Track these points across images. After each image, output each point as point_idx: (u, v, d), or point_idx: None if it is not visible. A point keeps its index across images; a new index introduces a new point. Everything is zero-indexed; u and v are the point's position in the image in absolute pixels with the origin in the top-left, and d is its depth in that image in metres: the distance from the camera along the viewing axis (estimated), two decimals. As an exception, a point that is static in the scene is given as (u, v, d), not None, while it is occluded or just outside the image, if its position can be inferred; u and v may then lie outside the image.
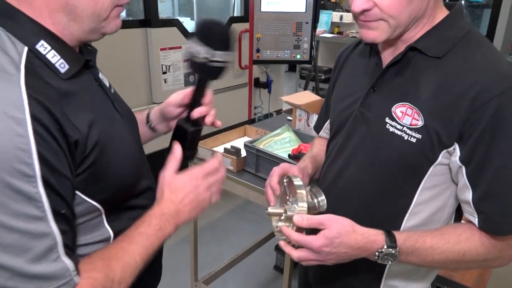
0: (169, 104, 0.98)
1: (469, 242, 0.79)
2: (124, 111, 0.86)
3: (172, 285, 2.34)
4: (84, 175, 0.68)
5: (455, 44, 0.80)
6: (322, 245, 0.77)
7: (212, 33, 0.81)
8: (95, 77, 0.80)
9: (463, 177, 0.79)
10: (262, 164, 1.63)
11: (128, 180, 0.79)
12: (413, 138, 0.81)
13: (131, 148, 0.81)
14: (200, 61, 0.80)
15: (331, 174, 0.98)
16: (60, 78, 0.68)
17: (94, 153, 0.69)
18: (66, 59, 0.69)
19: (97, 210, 0.74)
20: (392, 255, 0.78)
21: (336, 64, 1.08)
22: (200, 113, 0.89)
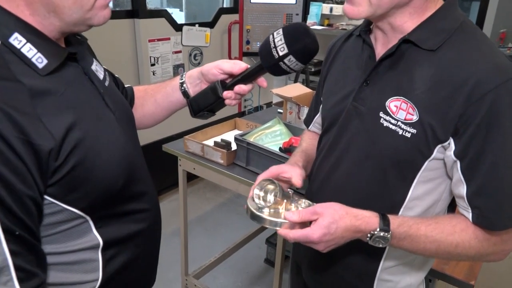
0: (218, 68, 0.93)
1: (463, 234, 0.79)
2: (117, 108, 0.80)
3: (162, 279, 2.32)
4: (60, 184, 0.63)
5: (450, 36, 0.78)
6: (321, 235, 0.76)
7: (303, 42, 0.79)
8: (84, 70, 0.74)
9: (457, 172, 0.78)
10: (252, 158, 1.61)
11: (115, 186, 0.73)
12: (408, 133, 0.79)
13: (121, 149, 0.75)
14: (273, 54, 0.79)
15: (324, 170, 0.96)
16: (38, 74, 0.63)
17: (71, 160, 0.63)
18: (45, 53, 0.64)
19: (80, 217, 0.69)
20: (384, 238, 0.78)
21: (327, 57, 1.06)
22: (243, 91, 0.88)
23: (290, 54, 0.79)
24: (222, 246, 2.40)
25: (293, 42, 0.78)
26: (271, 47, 0.80)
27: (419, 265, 0.95)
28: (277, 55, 0.79)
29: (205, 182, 3.33)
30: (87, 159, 0.66)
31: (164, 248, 2.68)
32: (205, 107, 0.94)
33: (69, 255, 0.70)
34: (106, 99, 0.77)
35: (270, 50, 0.80)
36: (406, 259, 0.92)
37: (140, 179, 0.82)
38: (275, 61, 0.80)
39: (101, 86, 0.77)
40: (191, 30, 2.91)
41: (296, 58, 0.79)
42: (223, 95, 0.89)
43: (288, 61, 0.80)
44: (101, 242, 0.73)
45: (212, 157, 1.68)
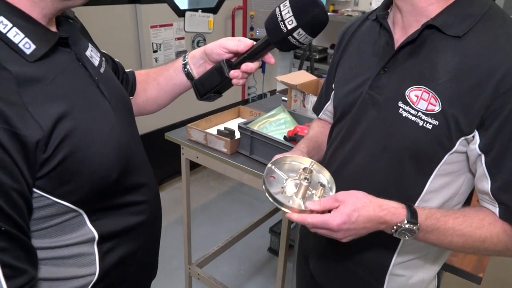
0: (222, 46, 0.88)
1: (491, 228, 0.75)
2: (113, 95, 0.76)
3: (165, 268, 2.32)
4: (51, 176, 0.60)
5: (477, 22, 0.74)
6: (341, 222, 0.72)
7: (312, 13, 0.73)
8: (77, 56, 0.70)
9: (481, 166, 0.74)
10: (256, 146, 1.58)
11: (109, 178, 0.69)
12: (429, 124, 0.75)
13: (116, 139, 0.71)
14: (281, 28, 0.74)
15: (337, 161, 0.93)
16: (26, 60, 0.59)
17: (61, 151, 0.60)
18: (33, 38, 0.60)
19: (73, 211, 0.66)
20: (411, 231, 0.74)
21: (340, 42, 1.01)
22: (250, 69, 0.84)
23: (299, 27, 0.73)
24: (225, 235, 2.39)
25: (301, 14, 0.73)
26: (278, 21, 0.74)
27: (432, 260, 0.92)
28: (286, 29, 0.74)
29: (208, 170, 3.31)
30: (78, 150, 0.63)
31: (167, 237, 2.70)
32: (211, 88, 0.90)
33: (63, 249, 0.67)
34: (101, 86, 0.73)
35: (277, 24, 0.75)
36: (419, 253, 0.89)
37: (137, 170, 0.79)
38: (284, 35, 0.75)
39: (95, 73, 0.73)
40: (194, 16, 2.86)
41: (306, 31, 0.74)
42: (230, 74, 0.85)
43: (297, 34, 0.74)
44: (96, 235, 0.71)
45: (215, 145, 1.65)
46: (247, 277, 2.35)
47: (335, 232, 0.74)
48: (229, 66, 0.86)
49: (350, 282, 0.96)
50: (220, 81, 0.88)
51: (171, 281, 2.26)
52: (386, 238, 0.78)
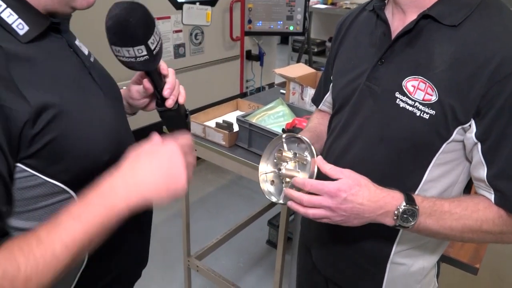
0: (134, 99, 0.89)
1: (487, 212, 0.76)
2: (104, 83, 0.78)
3: (164, 261, 2.33)
4: (41, 154, 0.60)
5: (473, 11, 0.74)
6: (339, 187, 0.72)
7: (110, 30, 0.69)
8: (68, 43, 0.72)
9: (478, 154, 0.75)
10: (255, 139, 1.59)
11: (101, 159, 0.70)
12: (426, 114, 0.76)
13: (109, 123, 0.73)
14: (124, 60, 0.72)
15: (336, 151, 0.93)
16: (19, 41, 0.60)
17: (51, 130, 0.61)
18: (26, 20, 0.61)
19: (64, 192, 0.67)
20: (413, 212, 0.74)
21: (338, 33, 1.01)
22: (169, 89, 0.81)
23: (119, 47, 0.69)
24: (224, 228, 2.40)
25: (112, 40, 0.69)
26: (124, 60, 0.72)
27: (432, 248, 0.93)
28: (123, 57, 0.71)
29: (206, 164, 3.31)
30: (70, 130, 0.63)
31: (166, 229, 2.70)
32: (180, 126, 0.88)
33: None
34: (93, 73, 0.74)
35: (126, 62, 0.72)
36: (419, 242, 0.90)
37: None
38: (131, 64, 0.72)
39: (86, 60, 0.75)
40: (192, 9, 2.84)
41: (120, 44, 0.69)
42: (167, 104, 0.82)
43: (129, 53, 0.70)
44: None
45: (213, 138, 1.65)
46: (245, 269, 2.37)
47: (331, 199, 0.73)
48: (162, 102, 0.83)
49: (352, 271, 0.97)
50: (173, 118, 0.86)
51: (170, 273, 2.27)
52: (386, 226, 0.79)
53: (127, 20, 0.67)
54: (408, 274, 0.93)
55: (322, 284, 1.09)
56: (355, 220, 0.76)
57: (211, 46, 3.11)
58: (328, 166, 0.76)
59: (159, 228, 2.57)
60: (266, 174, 0.89)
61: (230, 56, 3.30)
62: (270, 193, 0.88)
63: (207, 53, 3.09)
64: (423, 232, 0.79)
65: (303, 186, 0.76)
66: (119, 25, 0.67)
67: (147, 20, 0.70)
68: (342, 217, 0.75)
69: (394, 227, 0.77)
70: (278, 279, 1.77)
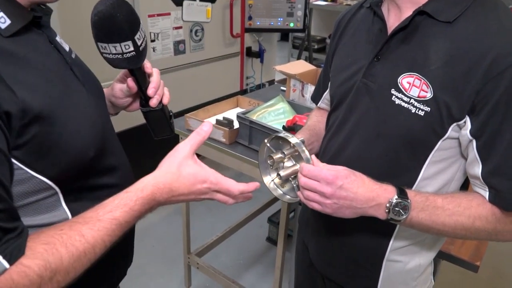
0: (117, 98, 0.90)
1: (480, 209, 0.76)
2: (86, 79, 0.77)
3: (164, 258, 2.33)
4: (28, 147, 0.60)
5: (468, 7, 0.74)
6: (336, 175, 0.74)
7: (97, 26, 0.69)
8: (49, 39, 0.71)
9: (473, 151, 0.75)
10: (255, 136, 1.58)
11: (86, 155, 0.69)
12: (421, 111, 0.76)
13: (92, 119, 0.72)
14: (110, 57, 0.73)
15: (333, 149, 0.93)
16: (0, 35, 0.60)
17: (37, 122, 0.60)
18: (8, 13, 0.61)
19: (50, 188, 0.66)
20: (404, 206, 0.74)
21: (336, 30, 1.01)
22: (154, 88, 0.82)
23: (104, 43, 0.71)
24: (224, 225, 2.40)
25: (97, 36, 0.70)
26: (109, 57, 0.73)
27: (429, 246, 0.93)
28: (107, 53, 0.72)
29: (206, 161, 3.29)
30: (56, 124, 0.63)
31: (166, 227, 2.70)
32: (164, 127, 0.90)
33: (37, 230, 0.65)
34: (74, 69, 0.74)
35: (112, 60, 0.73)
36: (416, 239, 0.90)
37: (112, 153, 0.80)
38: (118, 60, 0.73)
39: (68, 56, 0.74)
40: (192, 5, 2.83)
41: (105, 41, 0.70)
42: (152, 104, 0.83)
43: (107, 50, 0.71)
44: (70, 217, 0.70)
45: (214, 135, 1.65)
46: (245, 267, 2.37)
47: (326, 198, 0.74)
48: (146, 102, 0.84)
49: (348, 268, 0.97)
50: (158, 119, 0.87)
51: (170, 270, 2.27)
52: (382, 223, 0.79)
53: (114, 16, 0.67)
54: (404, 272, 0.93)
55: (319, 281, 1.10)
56: (346, 211, 0.76)
57: (211, 42, 3.10)
58: (322, 164, 0.77)
59: (159, 225, 2.57)
60: (273, 182, 0.88)
61: (230, 53, 3.29)
62: (284, 195, 0.89)
63: (207, 49, 3.08)
64: (416, 226, 0.79)
65: (300, 170, 0.77)
66: (106, 20, 0.67)
67: (133, 15, 0.70)
68: (334, 206, 0.75)
69: (386, 220, 0.77)
70: (278, 276, 1.77)
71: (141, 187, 0.65)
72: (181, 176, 0.67)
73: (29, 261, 0.54)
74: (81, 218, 0.61)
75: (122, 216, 0.62)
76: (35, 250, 0.55)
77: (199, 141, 0.71)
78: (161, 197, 0.66)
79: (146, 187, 0.65)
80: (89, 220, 0.60)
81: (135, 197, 0.64)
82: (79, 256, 0.58)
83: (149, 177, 0.67)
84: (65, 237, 0.57)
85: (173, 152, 0.69)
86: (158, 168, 0.68)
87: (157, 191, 0.65)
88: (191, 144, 0.70)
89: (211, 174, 0.70)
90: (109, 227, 0.61)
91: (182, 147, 0.69)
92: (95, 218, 0.61)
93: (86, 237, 0.58)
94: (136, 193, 0.64)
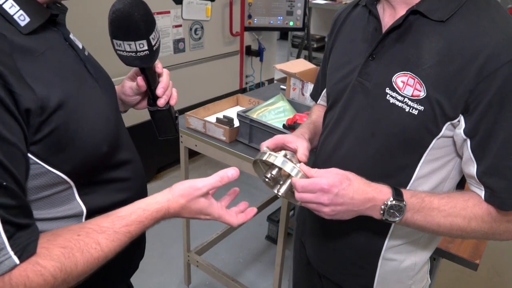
0: (126, 95, 0.91)
1: (476, 209, 0.76)
2: (99, 76, 0.78)
3: (164, 256, 2.34)
4: (45, 142, 0.61)
5: (461, 6, 0.74)
6: (332, 183, 0.73)
7: (114, 24, 0.71)
8: (64, 36, 0.72)
9: (467, 150, 0.75)
10: (255, 135, 1.59)
11: (100, 150, 0.71)
12: (415, 110, 0.76)
13: (106, 114, 0.74)
14: (124, 55, 0.74)
15: (329, 147, 0.94)
16: (20, 32, 0.61)
17: (55, 118, 0.61)
18: (27, 11, 0.62)
19: (64, 182, 0.67)
20: (399, 208, 0.75)
21: (333, 29, 1.01)
22: (163, 88, 0.84)
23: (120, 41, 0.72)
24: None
25: (114, 34, 0.71)
26: (123, 54, 0.74)
27: (424, 244, 0.94)
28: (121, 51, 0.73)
29: (205, 160, 3.31)
30: (71, 121, 0.64)
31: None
32: (169, 126, 0.91)
33: (52, 223, 0.68)
34: (88, 67, 0.75)
35: (125, 57, 0.74)
36: (411, 237, 0.90)
37: (124, 146, 0.81)
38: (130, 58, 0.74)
39: (81, 53, 0.76)
40: (192, 3, 2.83)
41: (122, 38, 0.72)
42: (159, 104, 0.85)
43: (121, 47, 0.73)
44: (84, 210, 0.72)
45: (214, 133, 1.65)
46: (245, 265, 2.37)
47: (324, 207, 0.75)
48: (154, 102, 0.85)
49: (345, 267, 0.98)
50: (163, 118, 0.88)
51: (170, 268, 2.27)
52: (378, 222, 0.79)
53: (131, 14, 0.68)
54: (400, 270, 0.93)
55: (316, 279, 1.10)
56: (344, 214, 0.77)
57: (210, 41, 3.10)
58: (313, 171, 0.77)
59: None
60: (280, 193, 0.84)
61: (230, 52, 3.29)
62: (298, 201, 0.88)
63: (206, 48, 3.08)
64: (411, 226, 0.80)
65: (294, 186, 0.77)
66: (124, 19, 0.69)
67: (149, 16, 0.71)
68: (332, 212, 0.76)
69: (381, 220, 0.78)
70: (278, 273, 1.78)
71: (156, 208, 0.70)
72: (190, 208, 0.73)
73: (46, 262, 0.56)
74: (97, 226, 0.64)
75: (135, 230, 0.67)
76: (52, 252, 0.58)
77: (217, 185, 0.75)
78: (167, 217, 0.73)
79: (161, 210, 0.70)
80: (105, 230, 0.64)
81: (150, 217, 0.69)
82: (93, 263, 0.61)
83: (164, 200, 0.71)
84: (82, 243, 0.61)
85: (191, 187, 0.72)
86: (173, 192, 0.72)
87: (167, 214, 0.71)
88: (208, 187, 0.73)
89: (215, 211, 0.75)
90: (123, 239, 0.65)
91: (201, 185, 0.73)
92: (112, 229, 0.64)
93: (102, 246, 0.62)
94: (151, 213, 0.69)
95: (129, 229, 0.66)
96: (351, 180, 0.75)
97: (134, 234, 0.67)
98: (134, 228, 0.66)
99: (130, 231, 0.66)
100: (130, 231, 0.66)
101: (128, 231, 0.66)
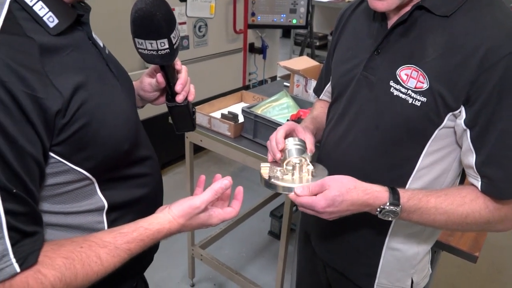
0: (145, 91, 0.93)
1: (473, 204, 0.79)
2: (120, 74, 0.80)
3: (169, 250, 2.37)
4: (68, 143, 0.63)
5: (464, 2, 0.77)
6: (325, 205, 0.78)
7: (136, 23, 0.72)
8: (88, 35, 0.74)
9: (467, 140, 0.78)
10: (260, 130, 1.61)
11: (121, 148, 0.73)
12: (418, 101, 0.79)
13: (126, 113, 0.76)
14: (145, 53, 0.76)
15: (333, 139, 0.97)
16: (48, 33, 0.63)
17: (78, 119, 0.63)
18: (56, 13, 0.64)
19: (86, 179, 0.69)
20: (394, 212, 0.79)
21: (338, 24, 1.04)
22: (182, 84, 0.85)
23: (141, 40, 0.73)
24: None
25: (135, 33, 0.73)
26: (144, 52, 0.75)
27: (427, 235, 0.96)
28: (143, 49, 0.75)
29: (209, 156, 3.34)
30: (95, 119, 0.66)
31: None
32: (186, 122, 0.92)
33: (75, 216, 0.71)
34: (110, 65, 0.77)
35: (146, 55, 0.76)
36: (414, 228, 0.93)
37: (143, 143, 0.84)
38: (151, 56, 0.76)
39: (103, 52, 0.78)
40: (196, 1, 2.85)
41: (144, 37, 0.73)
42: (177, 99, 0.86)
43: (143, 45, 0.74)
44: (106, 204, 0.74)
45: (219, 129, 1.68)
46: (248, 259, 2.40)
47: (321, 213, 0.80)
48: (172, 97, 0.87)
49: (350, 256, 1.01)
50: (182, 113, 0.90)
51: (175, 261, 2.31)
52: None
53: (154, 14, 0.70)
54: (403, 259, 0.96)
55: (320, 268, 1.13)
56: (342, 216, 0.82)
57: (214, 38, 3.12)
58: (311, 187, 0.80)
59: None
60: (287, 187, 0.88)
61: (233, 49, 3.32)
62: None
63: (210, 45, 3.11)
64: (407, 221, 0.84)
65: (295, 199, 0.81)
66: (146, 18, 0.70)
67: (171, 15, 0.73)
68: (330, 216, 0.81)
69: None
70: (281, 267, 1.81)
71: (158, 228, 0.71)
72: (191, 225, 0.75)
73: (47, 271, 0.58)
74: (100, 240, 0.65)
75: (135, 248, 0.68)
76: (54, 262, 0.59)
77: (214, 199, 0.76)
78: (168, 236, 0.74)
79: (162, 230, 0.71)
80: (107, 245, 0.65)
81: (152, 236, 0.70)
82: (92, 276, 0.63)
83: (165, 222, 0.72)
84: (84, 255, 0.62)
85: (190, 207, 0.73)
86: (173, 214, 0.73)
87: (168, 234, 0.73)
88: (206, 204, 0.75)
89: (215, 220, 0.77)
90: (123, 256, 0.66)
91: (199, 203, 0.74)
92: (113, 244, 0.65)
93: (102, 260, 0.63)
94: (153, 233, 0.70)
95: (130, 247, 0.67)
96: (344, 194, 0.78)
97: (134, 252, 0.68)
98: (134, 246, 0.67)
99: (130, 248, 0.67)
100: (130, 248, 0.67)
101: (128, 248, 0.66)
